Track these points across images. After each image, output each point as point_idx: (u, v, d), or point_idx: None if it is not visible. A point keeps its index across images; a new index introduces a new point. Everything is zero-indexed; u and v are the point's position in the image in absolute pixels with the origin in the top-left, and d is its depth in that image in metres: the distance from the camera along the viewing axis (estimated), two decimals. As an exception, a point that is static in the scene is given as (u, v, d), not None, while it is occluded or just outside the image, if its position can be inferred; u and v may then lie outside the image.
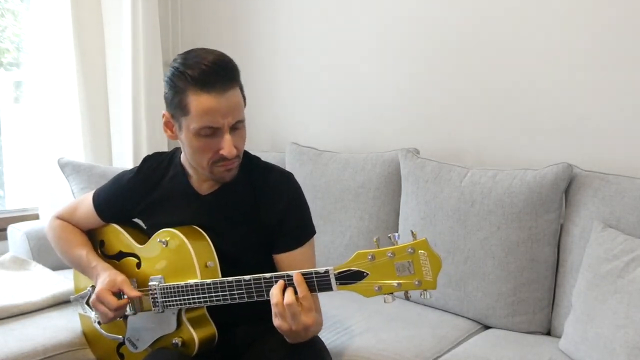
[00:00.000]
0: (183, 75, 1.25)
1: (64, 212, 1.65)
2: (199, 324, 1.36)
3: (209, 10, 2.97)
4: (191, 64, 1.26)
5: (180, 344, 1.34)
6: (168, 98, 1.32)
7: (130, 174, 1.54)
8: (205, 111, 1.25)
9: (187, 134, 1.30)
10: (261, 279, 1.24)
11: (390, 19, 2.36)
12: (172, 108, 1.32)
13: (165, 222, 1.43)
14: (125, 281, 1.39)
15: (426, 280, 1.12)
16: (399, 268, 1.13)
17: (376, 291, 1.14)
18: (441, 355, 1.62)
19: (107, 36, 2.69)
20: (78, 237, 1.58)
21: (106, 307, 1.36)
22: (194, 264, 1.33)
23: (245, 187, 1.43)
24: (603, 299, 1.48)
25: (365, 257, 1.15)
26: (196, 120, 1.26)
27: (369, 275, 1.15)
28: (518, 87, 2.05)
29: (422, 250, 1.12)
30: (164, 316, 1.37)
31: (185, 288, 1.32)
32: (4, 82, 2.73)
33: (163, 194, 1.48)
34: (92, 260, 1.49)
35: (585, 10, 1.90)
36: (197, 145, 1.30)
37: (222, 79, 1.26)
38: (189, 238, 1.36)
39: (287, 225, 1.41)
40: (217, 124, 1.27)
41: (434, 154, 2.08)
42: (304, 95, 2.65)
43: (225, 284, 1.27)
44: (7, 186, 2.74)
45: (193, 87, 1.25)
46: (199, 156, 1.33)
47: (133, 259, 1.48)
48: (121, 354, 1.52)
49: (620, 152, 1.86)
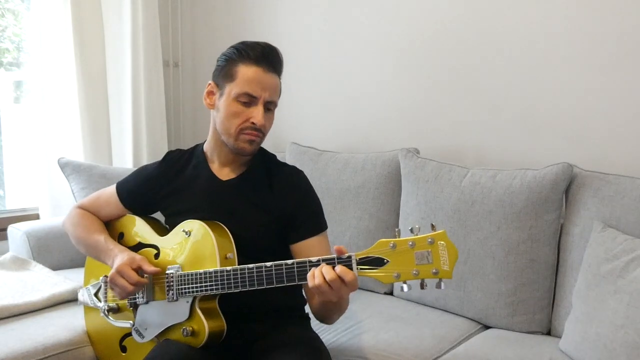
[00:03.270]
0: (239, 51, 1.44)
1: (85, 202, 1.69)
2: (210, 316, 1.37)
3: (209, 11, 2.97)
4: (249, 44, 1.45)
5: (190, 332, 1.36)
6: (219, 68, 1.47)
7: (154, 165, 1.62)
8: (250, 79, 1.41)
9: (227, 99, 1.43)
10: (282, 265, 1.27)
11: (390, 19, 2.36)
12: (220, 77, 1.46)
13: (187, 208, 1.49)
14: (144, 259, 1.44)
15: (443, 269, 1.17)
16: (418, 257, 1.18)
17: (395, 278, 1.19)
18: (441, 355, 1.62)
19: (107, 36, 2.69)
20: (97, 224, 1.62)
21: (126, 281, 1.39)
22: (215, 254, 1.36)
23: (262, 177, 1.52)
24: (603, 299, 1.48)
25: (387, 245, 1.20)
26: (240, 85, 1.42)
27: (389, 262, 1.19)
28: (518, 87, 2.05)
29: (441, 241, 1.17)
30: (177, 305, 1.39)
31: (204, 275, 1.35)
32: (4, 82, 2.73)
33: (185, 181, 1.55)
34: (110, 243, 1.53)
35: (585, 11, 1.90)
36: (233, 109, 1.43)
37: (271, 61, 1.45)
38: (213, 230, 1.40)
39: (302, 215, 1.48)
40: (256, 93, 1.42)
41: (434, 154, 2.08)
42: (304, 95, 2.65)
43: (246, 270, 1.30)
44: (7, 186, 2.73)
45: (246, 59, 1.43)
46: (231, 120, 1.43)
47: (152, 250, 1.51)
48: (124, 347, 1.53)
49: (620, 152, 1.86)
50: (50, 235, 2.23)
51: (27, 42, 2.70)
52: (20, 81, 2.79)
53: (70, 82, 2.59)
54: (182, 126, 3.11)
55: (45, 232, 2.24)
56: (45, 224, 2.33)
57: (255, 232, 1.46)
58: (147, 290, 1.45)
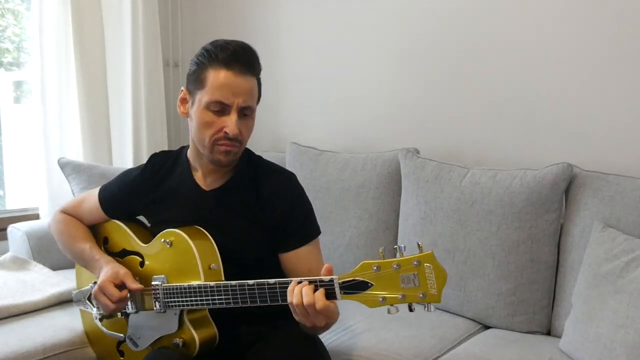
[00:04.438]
0: (208, 53, 1.34)
1: (68, 206, 1.66)
2: (200, 325, 1.36)
3: (209, 11, 2.97)
4: (219, 44, 1.35)
5: (181, 344, 1.35)
6: (190, 74, 1.39)
7: (137, 171, 1.56)
8: (220, 85, 1.31)
9: (199, 107, 1.35)
10: (265, 285, 1.24)
11: (390, 19, 2.36)
12: (191, 83, 1.38)
13: (170, 218, 1.45)
14: (128, 274, 1.40)
15: (431, 293, 1.12)
16: (404, 280, 1.13)
17: (380, 302, 1.14)
18: (441, 355, 1.62)
19: (107, 36, 2.69)
20: (81, 231, 1.59)
21: (108, 299, 1.37)
22: (198, 266, 1.33)
23: (248, 185, 1.45)
24: (603, 299, 1.48)
25: (370, 267, 1.15)
26: (210, 93, 1.32)
27: (374, 286, 1.14)
28: (518, 87, 2.05)
29: (427, 263, 1.11)
30: (166, 316, 1.37)
31: (188, 290, 1.32)
32: (4, 82, 2.73)
33: (168, 190, 1.50)
34: (96, 253, 1.50)
35: (585, 11, 1.90)
36: (205, 119, 1.34)
37: (243, 62, 1.34)
38: (194, 239, 1.36)
39: (292, 224, 1.42)
40: (228, 101, 1.32)
41: (434, 154, 2.08)
42: (304, 95, 2.65)
43: (229, 287, 1.27)
44: (7, 186, 2.73)
45: (215, 63, 1.33)
46: (203, 131, 1.35)
47: (136, 258, 1.49)
48: (121, 351, 1.53)
49: (621, 152, 1.86)
50: (50, 235, 2.18)
51: (27, 42, 2.70)
52: (20, 81, 2.79)
53: (70, 82, 2.59)
54: (182, 126, 3.11)
55: (45, 232, 2.24)
56: (45, 224, 2.32)
57: (242, 243, 1.42)
58: (137, 299, 1.42)
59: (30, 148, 2.66)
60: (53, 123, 2.59)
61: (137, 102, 2.69)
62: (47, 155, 2.58)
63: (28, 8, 2.63)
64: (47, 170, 2.57)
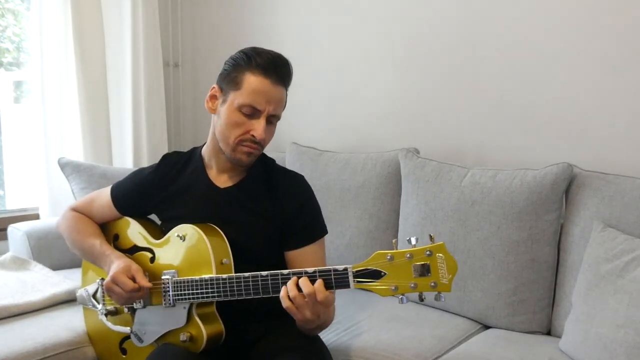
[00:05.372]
0: (249, 58, 1.38)
1: (79, 204, 1.67)
2: (208, 320, 1.37)
3: (209, 11, 2.97)
4: (260, 52, 1.40)
5: (188, 339, 1.35)
6: (225, 72, 1.42)
7: (150, 169, 1.59)
8: (255, 91, 1.36)
9: (230, 107, 1.39)
10: (278, 275, 1.26)
11: (390, 19, 2.36)
12: (225, 82, 1.41)
13: (182, 214, 1.47)
14: (140, 270, 1.42)
15: (442, 282, 1.15)
16: (416, 269, 1.16)
17: (392, 291, 1.17)
18: (441, 355, 1.62)
19: (107, 36, 2.69)
20: (91, 228, 1.61)
21: (121, 289, 1.38)
22: (211, 259, 1.34)
23: (260, 184, 1.49)
24: (603, 299, 1.48)
25: (384, 257, 1.18)
26: (244, 96, 1.37)
27: (387, 275, 1.18)
28: (518, 87, 2.05)
29: (439, 254, 1.15)
30: (174, 310, 1.38)
31: (200, 282, 1.33)
32: (4, 82, 2.73)
33: (181, 187, 1.52)
34: (106, 249, 1.51)
35: (585, 11, 1.90)
36: (234, 119, 1.38)
37: (280, 73, 1.40)
38: (207, 234, 1.38)
39: (300, 223, 1.45)
40: (260, 107, 1.37)
41: (434, 154, 2.08)
42: (304, 95, 2.65)
43: (242, 279, 1.29)
44: (7, 186, 2.73)
45: (255, 68, 1.37)
46: (230, 130, 1.39)
47: (147, 254, 1.50)
48: (124, 349, 1.53)
49: (621, 152, 1.86)
50: (50, 235, 2.22)
51: (27, 42, 2.70)
52: (20, 81, 2.79)
53: (70, 82, 2.59)
54: (182, 127, 3.11)
55: (45, 232, 2.24)
56: (45, 224, 2.33)
57: (254, 240, 1.44)
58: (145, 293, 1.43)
59: (30, 148, 2.66)
60: (53, 123, 2.59)
61: (137, 102, 2.69)
62: (47, 155, 2.58)
63: (28, 8, 2.63)
64: (47, 170, 2.57)
